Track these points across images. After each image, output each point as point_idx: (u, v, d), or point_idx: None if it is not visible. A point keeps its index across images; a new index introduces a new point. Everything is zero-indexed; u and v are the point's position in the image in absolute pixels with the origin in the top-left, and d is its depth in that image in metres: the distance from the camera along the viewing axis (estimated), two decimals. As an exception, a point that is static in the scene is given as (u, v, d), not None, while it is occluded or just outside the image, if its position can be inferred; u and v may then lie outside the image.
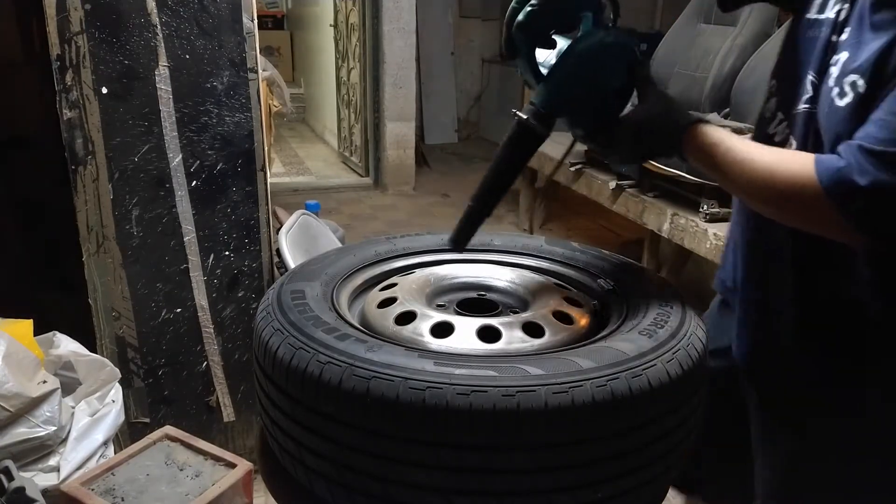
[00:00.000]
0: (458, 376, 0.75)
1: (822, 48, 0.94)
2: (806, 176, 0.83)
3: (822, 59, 0.93)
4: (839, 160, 0.81)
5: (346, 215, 4.77)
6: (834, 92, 0.88)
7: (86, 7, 1.55)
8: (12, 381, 1.33)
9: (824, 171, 0.82)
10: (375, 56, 5.22)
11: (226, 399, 1.95)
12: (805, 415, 1.05)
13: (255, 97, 1.76)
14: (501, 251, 1.26)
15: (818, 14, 0.97)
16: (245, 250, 1.86)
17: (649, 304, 0.99)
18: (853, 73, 0.85)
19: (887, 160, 0.77)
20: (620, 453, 0.80)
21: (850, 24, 0.90)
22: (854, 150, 0.80)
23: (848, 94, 0.85)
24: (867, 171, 0.78)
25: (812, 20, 0.98)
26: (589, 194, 3.57)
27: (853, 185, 0.79)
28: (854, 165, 0.79)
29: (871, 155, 0.78)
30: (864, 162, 0.78)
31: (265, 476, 1.01)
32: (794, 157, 0.88)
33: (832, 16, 0.94)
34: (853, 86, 0.85)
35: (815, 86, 0.94)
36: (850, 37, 0.89)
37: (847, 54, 0.88)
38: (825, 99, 0.90)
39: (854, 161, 0.79)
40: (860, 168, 0.79)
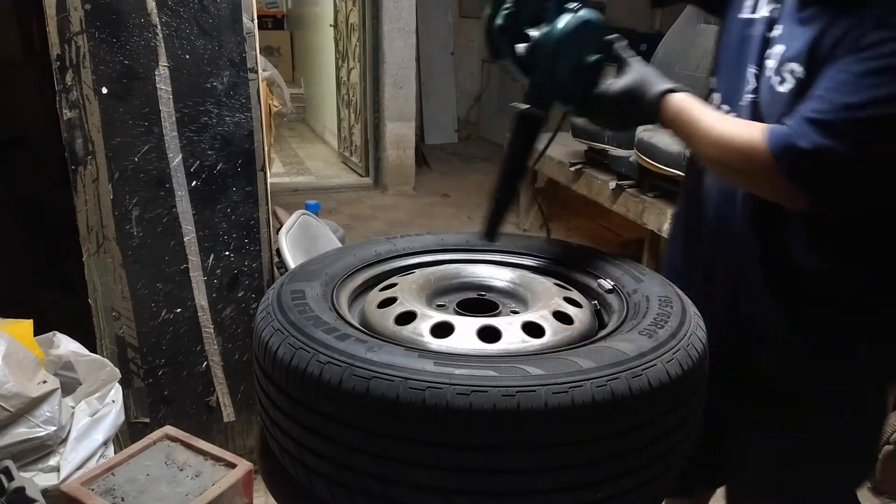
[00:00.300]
0: (458, 376, 0.75)
1: (759, 44, 1.05)
2: (757, 142, 0.93)
3: (760, 53, 1.04)
4: (785, 128, 0.92)
5: (346, 215, 4.77)
6: (774, 80, 1.00)
7: (86, 7, 1.55)
8: (12, 381, 1.33)
9: (772, 138, 0.92)
10: (375, 56, 5.21)
11: (226, 399, 1.95)
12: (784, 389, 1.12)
13: (255, 97, 1.76)
14: (501, 251, 1.26)
15: (751, 14, 1.09)
16: (245, 250, 1.86)
17: (649, 304, 0.99)
18: (791, 62, 0.97)
19: (827, 127, 0.88)
20: (620, 453, 0.80)
21: (781, 22, 1.03)
22: (798, 120, 0.91)
23: (788, 80, 0.98)
24: (810, 137, 0.88)
25: (746, 20, 1.09)
26: (589, 194, 3.57)
27: (797, 149, 0.89)
28: (798, 132, 0.90)
29: (813, 123, 0.89)
30: (807, 129, 0.89)
31: (265, 476, 1.01)
32: (747, 126, 0.98)
33: (766, 14, 1.05)
34: (792, 73, 0.97)
35: (757, 77, 1.05)
36: (783, 32, 1.02)
37: (783, 47, 1.00)
38: (766, 87, 1.02)
39: (798, 128, 0.90)
40: (803, 134, 0.89)
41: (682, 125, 1.02)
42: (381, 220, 4.74)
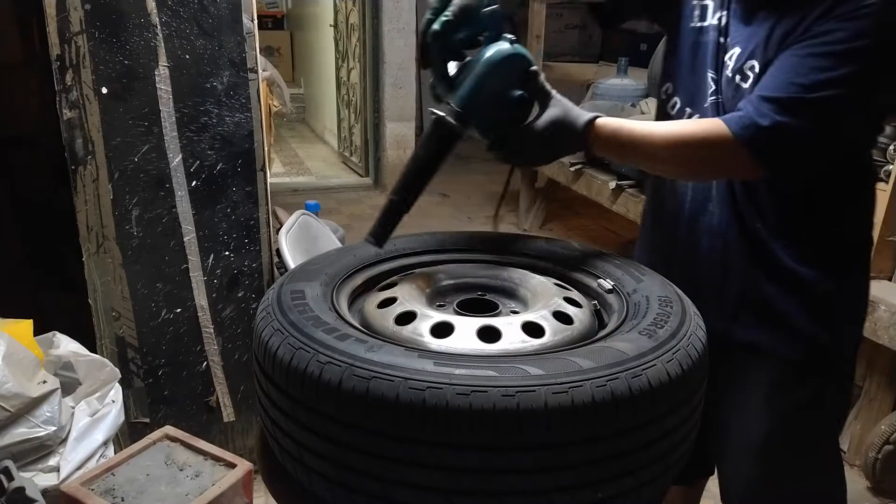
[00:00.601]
0: (458, 376, 0.75)
1: (713, 49, 1.14)
2: (717, 130, 1.02)
3: (716, 58, 1.14)
4: (742, 111, 1.01)
5: (346, 215, 4.77)
6: (737, 79, 1.10)
7: (86, 7, 1.55)
8: (12, 381, 1.33)
9: (733, 122, 1.01)
10: (375, 56, 5.22)
11: (226, 399, 1.95)
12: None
13: (255, 97, 1.76)
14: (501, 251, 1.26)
15: (700, 22, 1.17)
16: (245, 250, 1.86)
17: (649, 304, 0.99)
18: (749, 60, 1.07)
19: (782, 104, 0.98)
20: (620, 453, 0.80)
21: (730, 27, 1.12)
22: (754, 100, 1.00)
23: (749, 76, 1.07)
24: (767, 115, 0.98)
25: (697, 28, 1.17)
26: (589, 194, 3.58)
27: (757, 126, 0.98)
28: (755, 112, 0.99)
29: (769, 101, 0.98)
30: (764, 107, 0.98)
31: (265, 476, 1.01)
32: (699, 121, 1.08)
33: (715, 22, 1.15)
34: (752, 69, 1.07)
35: (716, 80, 1.14)
36: (734, 37, 1.12)
37: (739, 49, 1.10)
38: (729, 87, 1.11)
39: (755, 109, 0.99)
40: (761, 112, 0.98)
41: (622, 142, 1.07)
42: (381, 220, 4.74)
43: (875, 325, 2.02)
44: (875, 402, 2.22)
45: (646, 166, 1.16)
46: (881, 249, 2.12)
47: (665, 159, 1.08)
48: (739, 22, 1.11)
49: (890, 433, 2.07)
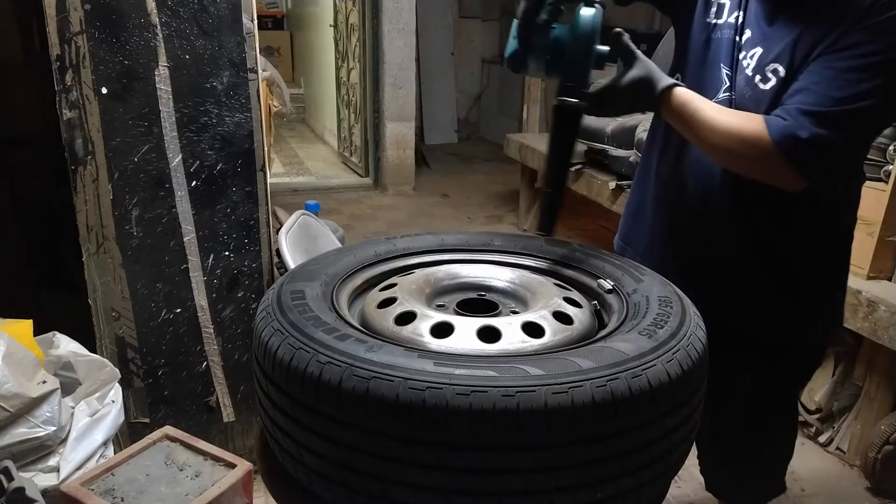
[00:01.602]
0: (458, 376, 0.75)
1: (728, 47, 1.18)
2: (760, 133, 1.06)
3: (731, 55, 1.18)
4: (784, 120, 1.04)
5: (346, 215, 4.77)
6: (756, 79, 1.13)
7: (86, 7, 1.55)
8: (12, 381, 1.33)
9: (774, 129, 1.04)
10: (375, 56, 5.21)
11: (226, 399, 1.95)
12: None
13: (255, 97, 1.76)
14: (501, 251, 1.26)
15: (716, 19, 1.21)
16: (245, 250, 1.86)
17: (649, 305, 0.99)
18: (773, 63, 1.11)
19: (821, 118, 1.02)
20: (620, 453, 0.80)
21: (748, 27, 1.16)
22: (794, 112, 1.04)
23: (771, 79, 1.11)
24: (806, 127, 1.02)
25: (712, 24, 1.21)
26: (589, 194, 3.57)
27: (797, 138, 1.02)
28: (797, 124, 1.03)
29: (808, 115, 1.03)
30: (804, 120, 1.02)
31: (265, 476, 1.01)
32: (748, 118, 1.09)
33: (732, 21, 1.18)
34: (775, 72, 1.11)
35: (731, 77, 1.18)
36: (755, 36, 1.15)
37: (761, 49, 1.13)
38: (747, 86, 1.15)
39: (794, 121, 1.03)
40: (800, 125, 1.02)
41: (685, 116, 1.12)
42: (380, 220, 4.75)
43: (875, 325, 2.02)
44: (875, 402, 2.22)
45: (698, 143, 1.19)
46: (881, 249, 2.11)
47: (712, 145, 1.13)
48: (761, 21, 1.15)
49: (890, 433, 2.07)
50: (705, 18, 1.23)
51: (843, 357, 2.39)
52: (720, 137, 1.10)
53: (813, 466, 2.29)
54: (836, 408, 2.37)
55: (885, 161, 2.14)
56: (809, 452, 2.37)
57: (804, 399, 2.46)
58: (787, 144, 1.03)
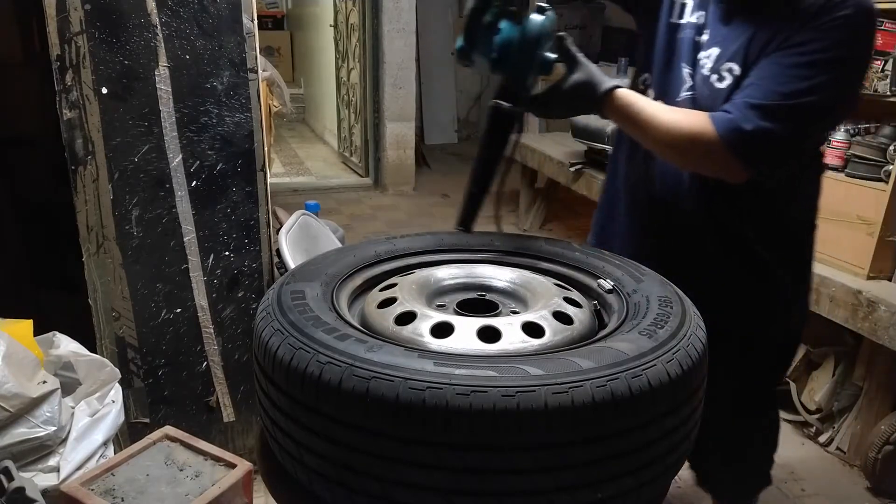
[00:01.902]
0: (458, 376, 0.75)
1: (690, 47, 1.22)
2: (705, 127, 1.09)
3: (692, 54, 1.21)
4: (729, 114, 1.08)
5: (346, 215, 4.77)
6: (713, 78, 1.17)
7: (86, 7, 1.55)
8: (12, 381, 1.33)
9: (719, 122, 1.09)
10: (375, 56, 5.21)
11: (226, 399, 1.95)
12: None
13: (255, 97, 1.76)
14: (501, 251, 1.26)
15: (678, 19, 1.24)
16: (245, 250, 1.86)
17: (649, 305, 0.99)
18: (729, 62, 1.15)
19: (765, 111, 1.05)
20: (620, 453, 0.80)
21: (708, 27, 1.20)
22: (739, 106, 1.08)
23: (727, 78, 1.15)
24: (751, 120, 1.06)
25: (675, 24, 1.25)
26: (589, 194, 3.57)
27: (741, 130, 1.06)
28: (741, 116, 1.07)
29: (754, 108, 1.06)
30: (749, 113, 1.06)
31: (265, 476, 1.01)
32: (693, 114, 1.14)
33: (694, 21, 1.22)
34: (730, 71, 1.15)
35: (692, 76, 1.22)
36: (713, 37, 1.19)
37: (718, 49, 1.17)
38: (704, 85, 1.19)
39: (740, 113, 1.07)
40: (745, 118, 1.06)
41: (630, 116, 1.16)
42: (380, 220, 4.74)
43: (875, 325, 2.02)
44: (875, 402, 2.22)
45: (644, 143, 1.23)
46: (881, 249, 2.12)
47: (659, 142, 1.17)
48: (717, 22, 1.19)
49: (890, 433, 2.07)
50: (669, 18, 1.26)
51: (843, 357, 2.39)
52: (665, 134, 1.13)
53: (813, 466, 2.29)
54: (836, 408, 2.37)
55: (886, 161, 2.14)
56: (809, 452, 2.37)
57: (804, 399, 2.46)
58: (731, 137, 1.07)
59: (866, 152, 2.18)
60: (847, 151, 2.25)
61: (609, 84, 1.15)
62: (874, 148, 2.17)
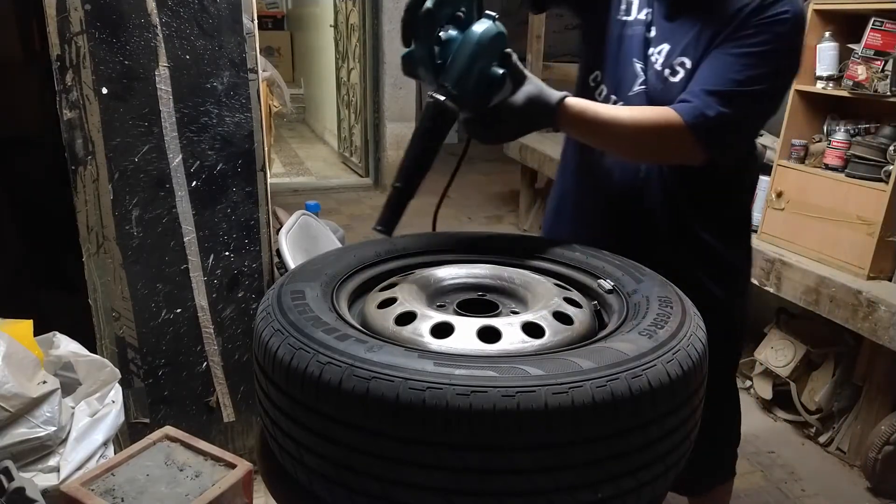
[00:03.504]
0: (458, 377, 0.75)
1: (640, 42, 1.26)
2: (670, 119, 1.14)
3: (643, 50, 1.25)
4: (690, 103, 1.13)
5: (346, 215, 4.77)
6: (666, 73, 1.22)
7: (86, 7, 1.55)
8: (12, 381, 1.33)
9: (684, 112, 1.13)
10: (375, 56, 5.21)
11: (226, 399, 1.95)
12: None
13: (255, 97, 1.76)
14: (501, 251, 1.26)
15: (626, 16, 1.28)
16: (245, 251, 1.86)
17: (649, 305, 0.99)
18: (680, 56, 1.20)
19: (724, 97, 1.12)
20: (620, 454, 0.80)
21: (654, 24, 1.24)
22: (698, 94, 1.14)
23: (680, 72, 1.21)
24: (712, 106, 1.12)
25: (623, 21, 1.28)
26: (589, 194, 3.57)
27: (706, 116, 1.12)
28: (702, 104, 1.12)
29: (712, 94, 1.12)
30: (708, 99, 1.12)
31: (265, 476, 1.01)
32: (652, 110, 1.18)
33: (642, 17, 1.26)
34: (682, 65, 1.20)
35: (644, 70, 1.25)
36: (661, 33, 1.24)
37: (668, 45, 1.22)
38: (657, 79, 1.23)
39: (701, 101, 1.13)
40: (706, 104, 1.12)
41: (586, 121, 1.17)
42: (381, 220, 4.74)
43: (875, 325, 2.02)
44: (875, 402, 2.22)
45: (604, 146, 1.26)
46: (881, 249, 2.12)
47: (622, 141, 1.20)
48: (663, 19, 1.24)
49: (890, 433, 2.07)
50: (616, 16, 1.30)
51: (843, 357, 2.39)
52: (628, 130, 1.16)
53: (813, 466, 2.29)
54: (836, 408, 2.37)
55: (886, 161, 2.14)
56: (809, 452, 2.37)
57: (804, 399, 2.46)
58: (697, 123, 1.12)
59: (866, 152, 2.18)
60: (847, 152, 2.25)
61: (558, 94, 1.14)
62: (874, 148, 2.17)
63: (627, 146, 1.22)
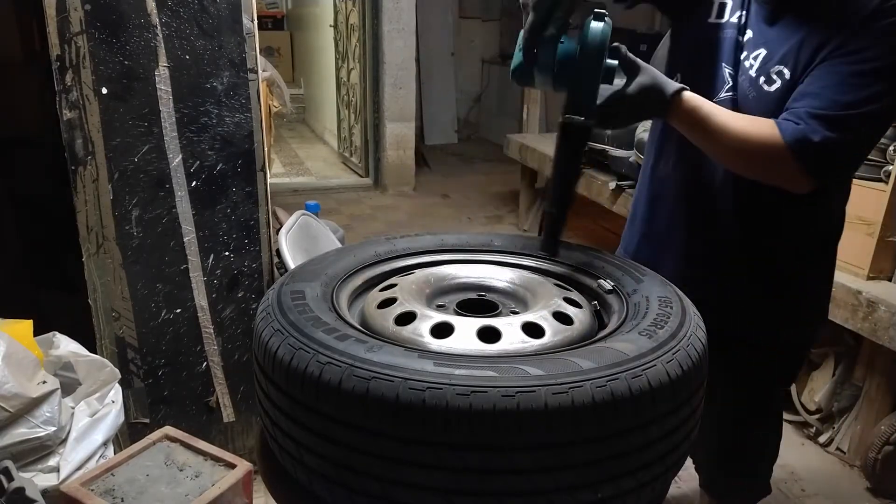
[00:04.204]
0: (457, 377, 0.75)
1: (731, 46, 1.19)
2: (773, 137, 1.07)
3: (734, 55, 1.19)
4: (796, 124, 1.06)
5: (346, 216, 4.77)
6: (761, 80, 1.15)
7: (86, 7, 1.55)
8: (12, 381, 1.33)
9: (787, 132, 1.06)
10: (375, 56, 5.21)
11: (226, 399, 1.95)
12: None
13: (255, 97, 1.76)
14: (501, 251, 1.26)
15: (718, 19, 1.22)
16: (245, 251, 1.86)
17: (649, 305, 0.99)
18: (778, 65, 1.12)
19: (830, 121, 1.04)
20: (620, 454, 0.80)
21: (750, 27, 1.17)
22: (804, 116, 1.06)
23: (776, 81, 1.13)
24: (817, 131, 1.04)
25: (714, 24, 1.22)
26: (589, 195, 3.57)
27: (810, 141, 1.04)
28: (808, 127, 1.05)
29: (818, 119, 1.05)
30: (814, 123, 1.05)
31: (265, 476, 1.01)
32: (759, 122, 1.11)
33: (735, 20, 1.19)
34: (780, 74, 1.12)
35: (733, 77, 1.19)
36: (758, 37, 1.16)
37: (765, 51, 1.15)
38: (750, 87, 1.16)
39: (805, 124, 1.05)
40: (812, 129, 1.04)
41: (697, 120, 1.12)
42: (380, 220, 4.75)
43: (875, 325, 2.02)
44: (875, 402, 2.22)
45: (706, 148, 1.19)
46: (881, 249, 2.11)
47: (724, 149, 1.14)
48: (762, 23, 1.16)
49: (890, 433, 2.07)
50: (707, 18, 1.23)
51: (843, 357, 2.39)
52: (733, 141, 1.10)
53: (813, 466, 2.29)
54: (836, 408, 2.37)
55: (885, 161, 2.14)
56: (809, 452, 2.37)
57: (804, 399, 2.46)
58: (800, 147, 1.05)
59: (866, 152, 2.18)
60: (847, 152, 2.25)
61: (676, 86, 1.11)
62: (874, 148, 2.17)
63: (730, 155, 1.15)
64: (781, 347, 1.36)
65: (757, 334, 1.32)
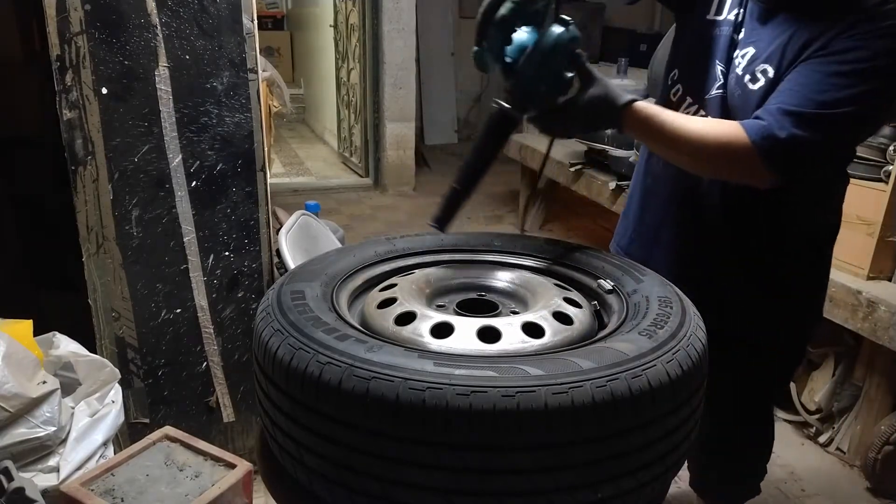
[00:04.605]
0: (457, 377, 0.75)
1: (726, 44, 1.18)
2: (737, 136, 1.06)
3: (728, 52, 1.18)
4: (762, 121, 1.05)
5: (346, 216, 4.77)
6: (745, 79, 1.14)
7: (86, 7, 1.55)
8: (12, 381, 1.33)
9: (752, 130, 1.05)
10: (375, 56, 5.21)
11: (226, 399, 1.95)
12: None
13: (255, 97, 1.76)
14: (501, 251, 1.26)
15: (716, 16, 1.21)
16: (245, 251, 1.86)
17: (649, 305, 0.99)
18: (763, 63, 1.11)
19: (801, 118, 1.02)
20: (620, 453, 0.80)
21: (745, 25, 1.16)
22: (773, 112, 1.04)
23: (760, 79, 1.12)
24: (785, 127, 1.02)
25: (711, 21, 1.21)
26: (589, 195, 3.57)
27: (775, 138, 1.02)
28: (775, 124, 1.03)
29: (788, 115, 1.02)
30: (783, 120, 1.02)
31: (265, 476, 1.01)
32: (722, 123, 1.11)
33: (731, 18, 1.18)
34: (764, 73, 1.11)
35: (724, 74, 1.18)
36: (749, 35, 1.15)
37: (753, 49, 1.14)
38: (737, 85, 1.15)
39: (774, 121, 1.03)
40: (779, 125, 1.03)
41: (651, 129, 1.12)
42: (380, 220, 4.74)
43: (875, 325, 2.02)
44: (875, 402, 2.22)
45: (667, 155, 1.20)
46: (881, 249, 2.11)
47: (686, 154, 1.14)
48: (755, 21, 1.15)
49: (890, 433, 2.07)
50: (706, 15, 1.23)
51: (843, 357, 2.39)
52: (692, 144, 1.10)
53: (813, 466, 2.29)
54: (836, 408, 2.37)
55: (885, 161, 2.13)
56: (809, 452, 2.37)
57: (804, 399, 2.46)
58: (764, 143, 1.04)
59: (866, 152, 2.18)
60: (847, 152, 2.25)
61: (626, 98, 1.12)
62: (874, 148, 2.17)
63: (692, 158, 1.15)
64: (781, 348, 1.37)
65: (757, 334, 1.32)
